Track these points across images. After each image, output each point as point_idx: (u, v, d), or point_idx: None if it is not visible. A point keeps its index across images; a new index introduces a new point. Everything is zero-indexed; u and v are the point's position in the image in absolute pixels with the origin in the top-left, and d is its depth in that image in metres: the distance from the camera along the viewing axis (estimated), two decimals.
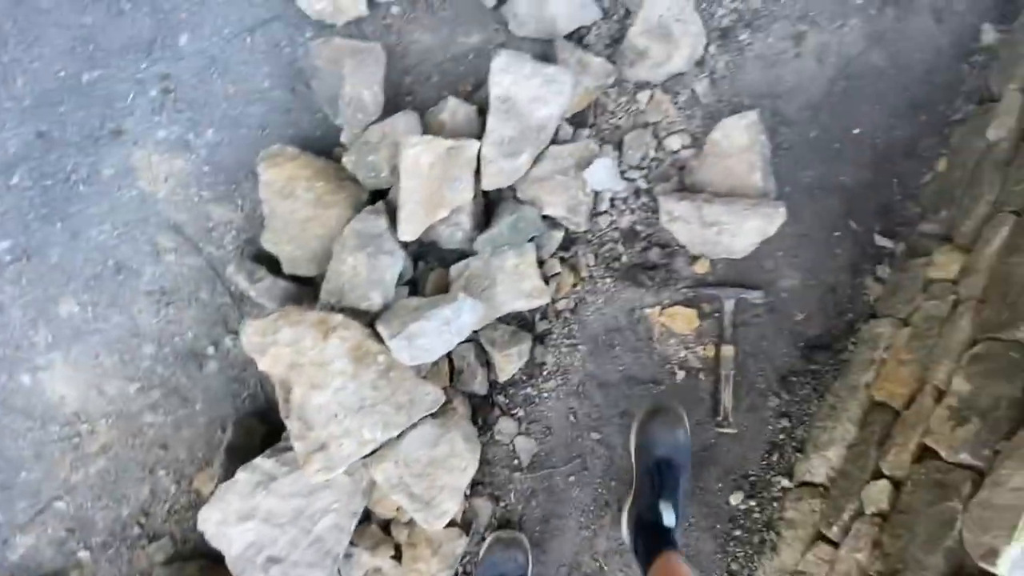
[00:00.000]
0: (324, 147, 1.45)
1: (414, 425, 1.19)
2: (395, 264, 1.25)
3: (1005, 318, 1.00)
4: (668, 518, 1.08)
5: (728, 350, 1.33)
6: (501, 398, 1.37)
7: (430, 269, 1.41)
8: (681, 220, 1.34)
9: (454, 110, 1.31)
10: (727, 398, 1.32)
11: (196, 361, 1.42)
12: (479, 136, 1.30)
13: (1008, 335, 0.99)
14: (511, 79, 1.28)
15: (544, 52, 1.48)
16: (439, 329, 1.17)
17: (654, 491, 1.13)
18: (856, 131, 1.41)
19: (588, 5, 1.42)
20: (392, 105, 1.46)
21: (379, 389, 1.16)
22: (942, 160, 1.39)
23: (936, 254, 1.25)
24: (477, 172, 1.29)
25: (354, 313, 1.23)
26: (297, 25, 1.47)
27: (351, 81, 1.34)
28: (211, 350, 1.42)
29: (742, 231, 1.29)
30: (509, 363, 1.31)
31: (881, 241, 1.37)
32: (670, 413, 1.24)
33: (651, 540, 1.11)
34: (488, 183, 1.28)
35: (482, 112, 1.34)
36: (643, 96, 1.44)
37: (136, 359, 1.41)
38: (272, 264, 1.36)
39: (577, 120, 1.46)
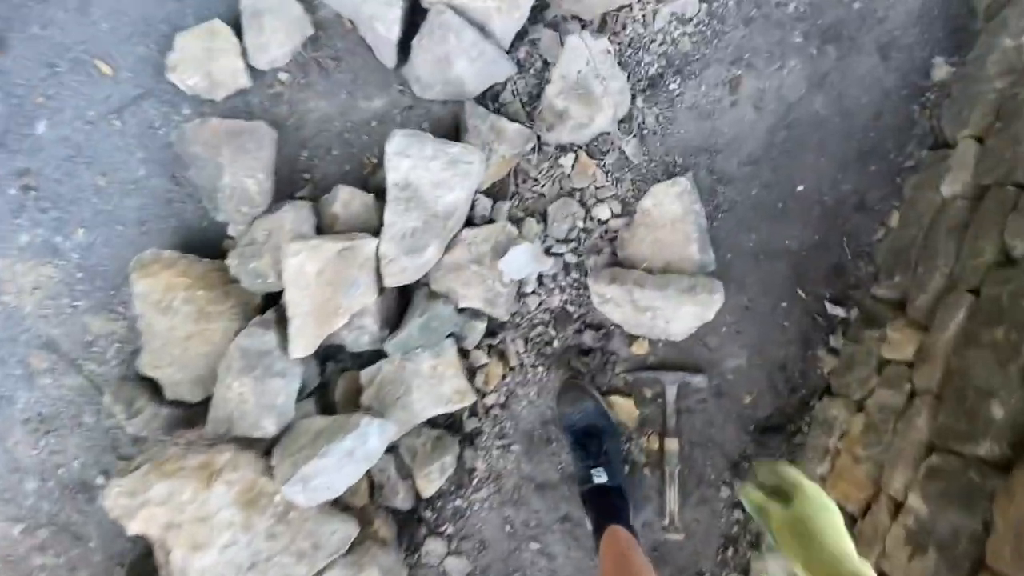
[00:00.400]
0: (213, 239, 1.29)
1: (322, 571, 1.06)
2: (289, 385, 1.10)
3: (963, 428, 0.89)
4: (599, 478, 1.12)
5: (672, 444, 1.22)
6: (428, 513, 1.25)
7: (342, 369, 1.27)
8: (613, 302, 1.21)
9: (347, 200, 1.16)
10: (672, 499, 1.20)
11: (86, 493, 1.26)
12: (381, 225, 1.15)
13: (967, 450, 0.88)
14: (409, 163, 1.12)
15: (455, 115, 1.33)
16: (340, 464, 1.03)
17: (584, 463, 1.16)
18: (800, 188, 1.28)
19: (499, 61, 1.27)
20: (288, 184, 1.30)
21: (276, 538, 1.02)
22: (895, 214, 1.27)
23: (890, 329, 1.14)
24: (380, 268, 1.15)
25: (247, 442, 1.09)
26: (171, 102, 1.29)
27: (231, 170, 1.18)
28: (101, 480, 1.26)
29: (677, 317, 1.16)
30: (430, 483, 1.18)
31: (833, 309, 1.25)
32: (571, 389, 1.22)
33: (598, 511, 1.12)
34: (391, 282, 1.14)
35: (381, 197, 1.18)
36: (567, 160, 1.30)
37: (18, 497, 1.26)
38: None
39: (497, 190, 1.32)
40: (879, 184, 1.28)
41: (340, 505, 1.16)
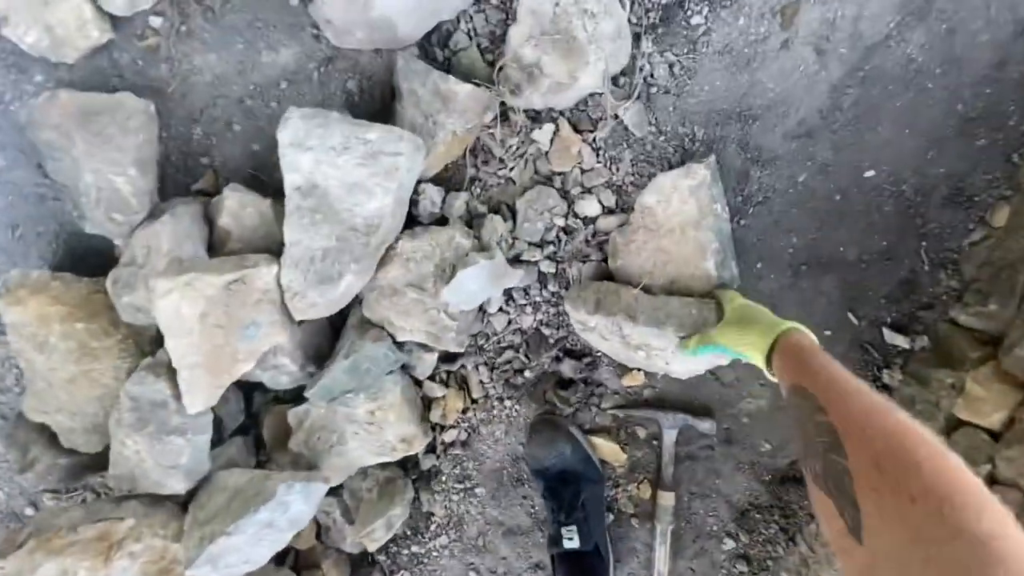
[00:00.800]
0: (104, 247, 1.04)
1: None
2: (193, 442, 0.91)
3: None
4: (570, 542, 0.97)
5: (667, 499, 1.00)
6: (382, 557, 1.10)
7: (274, 398, 1.07)
8: (597, 333, 0.94)
9: (236, 210, 0.87)
10: (661, 560, 1.01)
11: (18, 524, 1.16)
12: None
13: None
14: (312, 158, 0.82)
15: (389, 66, 0.97)
16: (257, 536, 0.86)
17: (555, 516, 1.00)
18: (870, 172, 0.91)
19: None
20: (182, 173, 1.02)
21: None
22: (1001, 209, 0.90)
23: (971, 378, 0.84)
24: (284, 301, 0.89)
25: (158, 499, 0.93)
26: (19, 67, 0.98)
27: (91, 165, 0.90)
28: (31, 511, 1.16)
29: (679, 358, 0.89)
30: (374, 541, 1.01)
31: (892, 338, 0.95)
32: (545, 427, 1.02)
33: (571, 573, 0.98)
34: (301, 317, 0.88)
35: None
36: (542, 134, 0.95)
37: None
38: None
39: (451, 176, 1.00)
40: (986, 165, 0.90)
41: (280, 553, 1.02)
